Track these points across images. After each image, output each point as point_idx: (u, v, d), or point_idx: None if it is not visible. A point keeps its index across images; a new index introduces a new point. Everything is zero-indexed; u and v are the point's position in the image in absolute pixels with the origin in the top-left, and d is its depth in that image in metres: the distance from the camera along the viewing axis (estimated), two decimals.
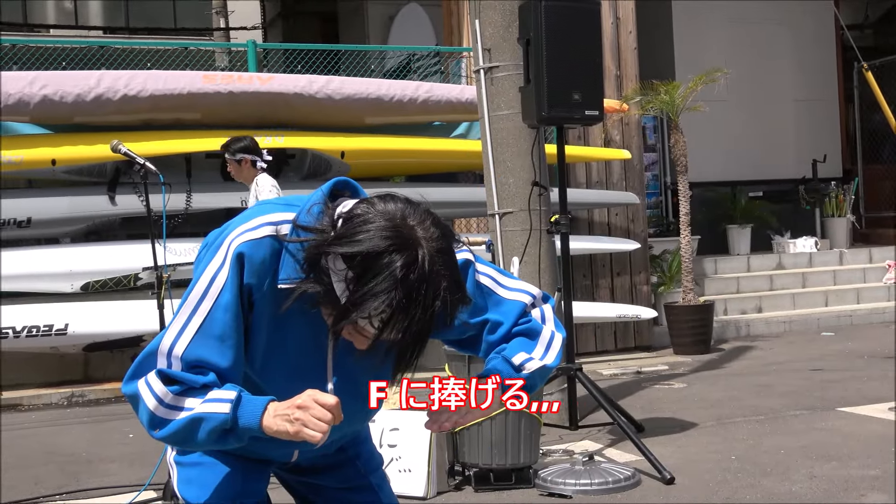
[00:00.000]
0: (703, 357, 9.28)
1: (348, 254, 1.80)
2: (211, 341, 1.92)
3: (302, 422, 1.84)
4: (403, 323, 1.80)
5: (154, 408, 1.90)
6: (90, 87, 8.07)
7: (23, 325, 7.91)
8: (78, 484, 5.45)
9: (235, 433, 1.89)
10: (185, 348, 1.92)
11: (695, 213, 9.94)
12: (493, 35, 6.46)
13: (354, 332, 1.87)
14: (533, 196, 6.34)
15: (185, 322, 1.93)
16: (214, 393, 1.89)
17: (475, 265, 2.14)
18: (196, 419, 1.88)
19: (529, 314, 2.20)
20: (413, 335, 1.83)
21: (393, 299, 1.78)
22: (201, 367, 1.92)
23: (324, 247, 1.83)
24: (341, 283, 1.81)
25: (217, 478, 2.12)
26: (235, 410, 1.88)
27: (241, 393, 1.90)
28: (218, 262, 1.94)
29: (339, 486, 2.30)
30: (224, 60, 11.60)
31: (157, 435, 1.93)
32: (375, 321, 1.80)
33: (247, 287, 1.94)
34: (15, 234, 8.39)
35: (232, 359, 1.94)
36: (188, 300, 1.95)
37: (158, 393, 1.90)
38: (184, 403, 1.90)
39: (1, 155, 8.03)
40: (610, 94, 9.25)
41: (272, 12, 18.08)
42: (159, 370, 1.92)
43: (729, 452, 5.60)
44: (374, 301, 1.78)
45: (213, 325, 1.92)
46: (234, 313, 1.93)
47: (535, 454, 5.16)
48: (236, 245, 1.94)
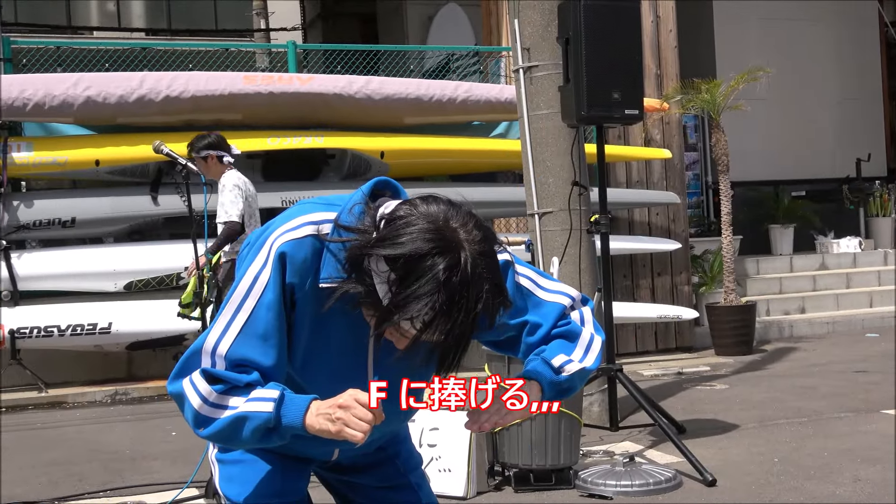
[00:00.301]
0: (745, 358, 9.20)
1: (391, 256, 1.80)
2: (254, 340, 1.93)
3: (343, 421, 1.85)
4: (446, 325, 1.80)
5: (199, 406, 1.91)
6: (133, 89, 8.15)
7: (67, 323, 8.01)
8: (122, 481, 5.50)
9: (278, 432, 1.90)
10: (229, 347, 1.93)
11: (736, 213, 9.86)
12: (532, 34, 6.45)
13: (396, 332, 1.87)
14: (573, 196, 6.32)
15: (229, 321, 1.94)
16: (258, 392, 1.90)
17: (515, 267, 2.14)
18: (240, 418, 1.89)
19: (569, 316, 2.20)
20: (455, 337, 1.83)
21: (436, 302, 1.78)
22: (245, 365, 1.93)
23: (366, 248, 1.84)
24: (384, 285, 1.82)
25: (258, 475, 2.13)
26: (278, 409, 1.88)
27: (284, 392, 1.91)
28: (260, 262, 1.95)
29: (379, 484, 2.30)
30: (264, 61, 11.66)
31: (201, 433, 1.94)
32: (417, 323, 1.80)
33: (289, 286, 1.95)
34: (59, 234, 8.50)
35: (275, 357, 1.95)
36: (231, 300, 1.96)
37: (203, 392, 1.91)
38: (228, 402, 1.91)
39: (45, 156, 8.15)
40: (650, 93, 9.20)
41: (312, 13, 18.16)
42: (203, 369, 1.93)
43: (772, 455, 5.54)
44: (416, 304, 1.78)
45: (256, 324, 1.93)
46: (276, 312, 1.94)
47: (576, 455, 5.15)
48: (278, 245, 1.94)
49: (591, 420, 6.21)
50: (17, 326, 7.94)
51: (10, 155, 8.11)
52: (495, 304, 1.85)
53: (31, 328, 7.96)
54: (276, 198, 8.56)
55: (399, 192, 2.03)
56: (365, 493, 2.31)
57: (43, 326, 7.98)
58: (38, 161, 8.18)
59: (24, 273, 8.17)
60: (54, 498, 5.19)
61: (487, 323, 1.86)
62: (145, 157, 8.16)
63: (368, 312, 1.88)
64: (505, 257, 2.04)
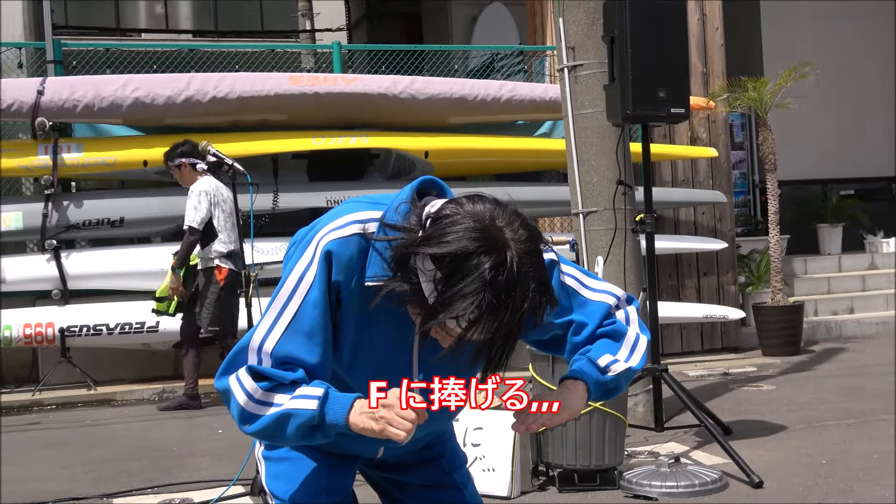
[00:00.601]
0: (793, 359, 9.11)
1: (437, 254, 1.81)
2: (300, 338, 1.95)
3: (387, 420, 1.86)
4: (492, 324, 1.80)
5: (244, 403, 1.94)
6: (180, 90, 8.24)
7: (116, 322, 8.11)
8: (169, 478, 5.56)
9: (322, 429, 1.92)
10: (275, 345, 1.95)
11: (784, 212, 9.76)
12: (577, 33, 6.43)
13: (441, 331, 1.87)
14: (617, 195, 6.29)
15: (275, 319, 1.96)
16: (303, 389, 1.92)
17: (560, 266, 2.14)
18: (285, 415, 1.91)
19: (614, 316, 2.19)
20: (501, 336, 1.83)
21: (482, 301, 1.78)
22: (290, 363, 1.95)
23: (412, 247, 1.84)
24: (429, 284, 1.82)
25: (304, 473, 2.15)
26: (323, 407, 1.90)
27: (329, 390, 1.92)
28: (307, 260, 1.97)
29: (424, 483, 2.31)
30: (310, 62, 11.72)
31: (247, 430, 1.96)
32: (463, 322, 1.81)
33: (335, 284, 1.96)
34: (108, 234, 8.61)
35: (320, 355, 1.96)
36: (278, 297, 1.98)
37: (248, 389, 1.94)
38: (273, 399, 1.93)
39: (94, 157, 8.26)
40: (696, 92, 9.13)
41: (357, 14, 18.22)
42: (249, 366, 1.95)
43: (819, 456, 5.49)
44: (462, 302, 1.79)
45: (301, 321, 1.95)
46: (322, 310, 1.95)
47: (620, 455, 5.12)
48: (324, 243, 1.96)
49: (635, 420, 6.18)
50: (66, 325, 8.06)
51: (61, 156, 8.23)
52: (541, 303, 1.85)
53: (81, 326, 8.08)
54: (321, 198, 8.61)
55: (445, 191, 2.04)
56: (410, 491, 2.32)
57: (92, 325, 8.10)
58: (88, 162, 8.29)
59: (74, 272, 8.28)
60: (103, 494, 5.26)
61: (533, 322, 1.86)
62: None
63: (414, 311, 1.89)
64: (550, 256, 2.04)
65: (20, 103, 8.06)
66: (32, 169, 8.31)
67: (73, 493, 5.29)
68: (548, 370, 4.98)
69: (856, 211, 12.55)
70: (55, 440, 6.74)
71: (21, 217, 8.28)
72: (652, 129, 6.88)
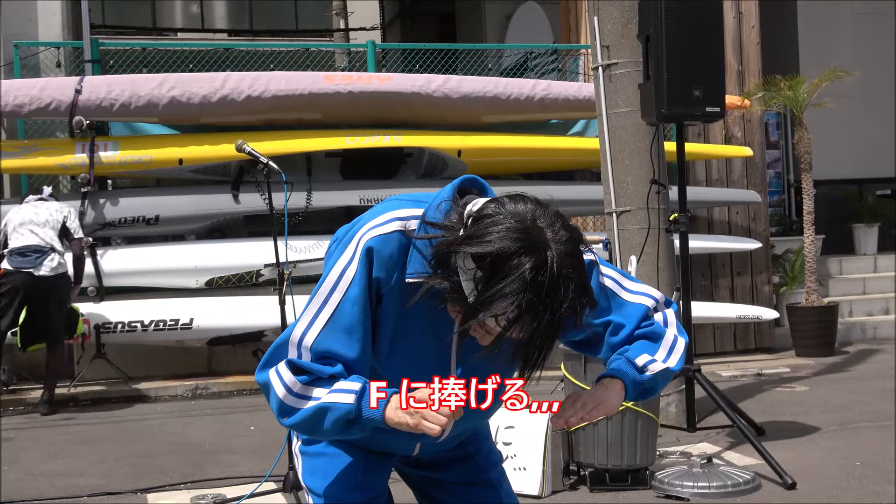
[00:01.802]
0: (827, 360, 9.04)
1: (478, 254, 1.81)
2: (339, 334, 1.97)
3: (422, 415, 1.88)
4: (531, 324, 1.81)
5: (283, 396, 1.96)
6: (216, 89, 8.29)
7: (150, 318, 8.18)
8: (202, 474, 5.60)
9: (359, 423, 1.94)
10: (315, 339, 1.97)
11: (819, 212, 9.67)
12: (611, 32, 6.41)
13: (480, 330, 1.88)
14: (651, 194, 6.27)
15: (316, 314, 1.99)
16: (341, 384, 1.94)
17: (599, 267, 2.14)
18: (322, 409, 1.94)
19: (652, 318, 2.20)
20: (540, 336, 1.84)
21: (522, 301, 1.79)
22: (329, 357, 1.97)
23: (453, 245, 1.85)
24: (470, 282, 1.83)
25: (339, 469, 2.18)
26: (360, 401, 1.92)
27: (366, 384, 1.94)
28: (348, 257, 1.99)
29: (459, 480, 2.32)
30: (344, 61, 11.76)
31: (285, 422, 1.99)
32: (503, 321, 1.81)
33: (375, 281, 1.98)
34: (144, 231, 8.69)
35: (359, 351, 1.98)
36: (318, 292, 2.00)
37: (287, 382, 1.96)
38: (311, 393, 1.96)
39: (131, 155, 8.34)
40: (731, 91, 9.07)
41: (391, 13, 18.26)
42: (289, 360, 1.98)
43: (853, 458, 5.44)
44: (502, 302, 1.79)
45: (341, 317, 1.97)
46: (362, 306, 1.97)
47: (652, 455, 5.11)
48: (366, 240, 1.98)
49: (668, 420, 6.16)
50: (102, 321, 8.14)
51: (98, 154, 8.31)
52: (581, 304, 1.85)
53: (116, 323, 8.15)
54: (354, 196, 8.64)
55: (486, 189, 2.05)
56: (445, 488, 2.33)
57: (127, 321, 8.17)
58: (124, 160, 8.37)
59: (110, 269, 8.36)
60: (136, 489, 5.31)
61: (573, 323, 1.86)
62: (227, 156, 8.30)
63: (454, 309, 1.90)
64: (590, 258, 2.04)
65: (58, 102, 8.15)
66: (70, 167, 8.40)
67: (107, 488, 5.35)
68: (580, 369, 4.98)
69: (892, 211, 12.42)
70: (90, 435, 6.81)
71: None
72: (686, 127, 6.84)
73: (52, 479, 5.62)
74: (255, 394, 8.25)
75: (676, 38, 5.82)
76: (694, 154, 9.11)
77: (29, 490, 5.36)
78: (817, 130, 10.09)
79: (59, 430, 7.00)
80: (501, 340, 1.85)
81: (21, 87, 8.21)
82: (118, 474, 5.68)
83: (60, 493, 5.28)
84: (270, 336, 8.34)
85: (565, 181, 9.79)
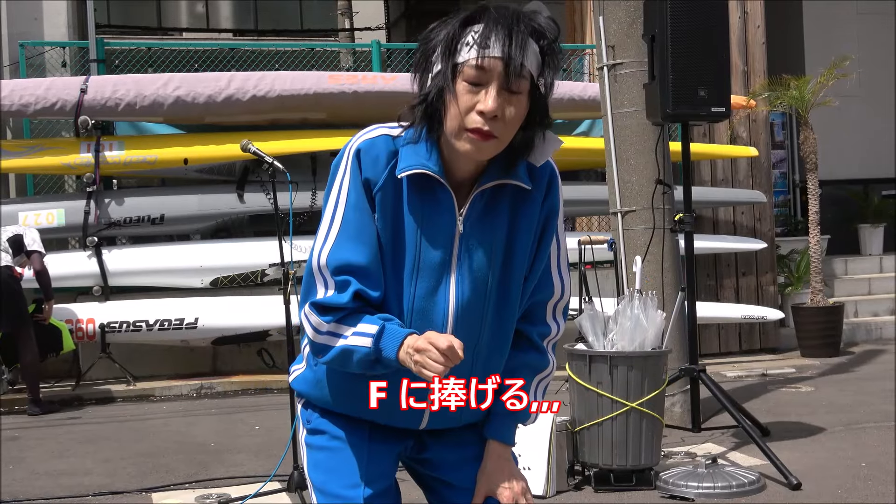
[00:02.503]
0: (832, 360, 9.03)
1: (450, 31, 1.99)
2: (348, 243, 2.04)
3: (420, 364, 1.93)
4: (504, 37, 1.92)
5: (313, 336, 2.06)
6: (221, 89, 8.30)
7: (155, 318, 8.19)
8: (206, 473, 5.61)
9: (381, 363, 2.01)
10: (328, 256, 2.04)
11: (824, 212, 9.66)
12: (617, 32, 6.41)
13: (473, 133, 1.96)
14: (656, 194, 6.27)
15: (326, 233, 2.07)
16: (362, 326, 2.01)
17: (559, 218, 2.20)
18: (347, 350, 2.02)
19: (548, 325, 2.25)
20: (518, 50, 1.92)
21: (490, 21, 1.93)
22: (344, 271, 2.03)
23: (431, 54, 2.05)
24: (446, 46, 1.99)
25: (342, 463, 2.17)
26: (377, 343, 1.99)
27: (385, 326, 2.00)
28: (342, 169, 2.07)
29: (470, 486, 2.26)
30: (349, 60, 11.75)
31: (320, 361, 2.09)
32: (476, 47, 1.94)
33: (365, 182, 2.05)
34: (148, 231, 8.70)
35: (368, 254, 2.04)
36: (325, 214, 2.08)
37: (314, 324, 2.05)
38: (338, 331, 2.03)
39: (136, 155, 8.35)
40: (737, 90, 9.06)
41: (395, 12, 18.26)
42: (312, 302, 2.05)
43: (859, 459, 5.43)
44: (471, 34, 1.95)
45: (348, 227, 2.05)
46: (363, 209, 2.05)
47: (657, 456, 5.11)
48: (354, 146, 2.07)
49: (672, 421, 6.16)
50: (106, 321, 8.15)
51: (103, 154, 8.32)
52: (543, 27, 1.97)
53: (121, 322, 8.16)
54: None
55: None
56: (456, 490, 2.28)
57: (132, 321, 8.18)
58: (129, 160, 8.39)
59: (114, 269, 8.38)
60: (141, 489, 5.32)
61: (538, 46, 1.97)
62: (232, 156, 8.31)
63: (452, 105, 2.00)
64: (560, 200, 2.16)
65: (64, 102, 8.17)
66: (75, 166, 8.41)
67: (111, 488, 5.35)
68: (584, 370, 4.98)
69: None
70: (95, 435, 6.82)
71: (63, 214, 8.39)
72: (692, 127, 6.84)
73: (57, 478, 5.63)
74: (260, 393, 8.26)
75: (682, 37, 5.81)
76: (699, 154, 9.10)
77: (34, 489, 5.37)
78: (823, 130, 10.08)
79: (63, 430, 7.01)
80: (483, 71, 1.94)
81: (27, 87, 8.22)
82: (123, 474, 5.68)
83: (65, 493, 5.29)
84: (275, 336, 8.34)
85: (570, 181, 9.78)
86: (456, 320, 2.08)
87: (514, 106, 1.97)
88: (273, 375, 8.43)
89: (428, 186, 2.05)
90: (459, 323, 2.08)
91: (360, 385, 2.08)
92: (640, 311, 4.95)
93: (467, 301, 2.08)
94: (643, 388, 4.92)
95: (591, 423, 4.97)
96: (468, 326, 2.09)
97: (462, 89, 1.97)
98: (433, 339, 1.92)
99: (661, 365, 5.06)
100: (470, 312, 2.09)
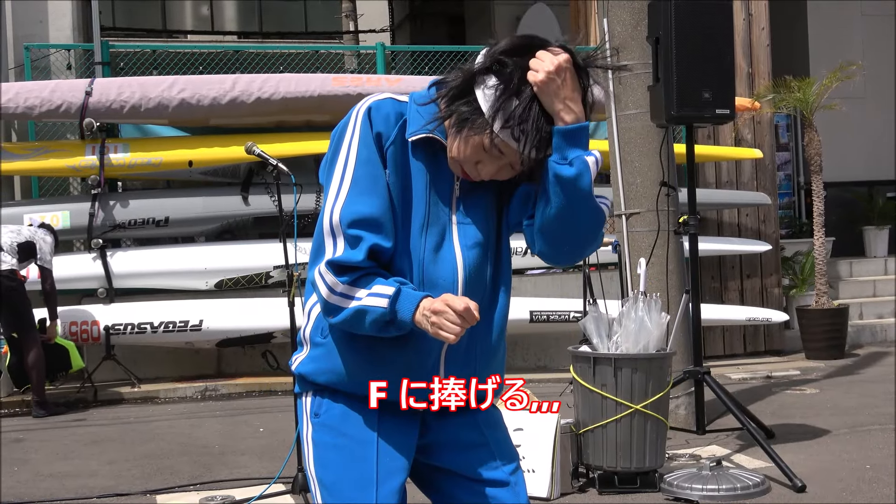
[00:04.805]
0: (837, 362, 9.01)
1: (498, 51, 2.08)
2: (359, 196, 2.07)
3: (437, 325, 1.95)
4: (533, 138, 1.99)
5: (327, 296, 2.06)
6: (225, 91, 8.31)
7: (160, 320, 8.19)
8: (211, 475, 5.61)
9: (395, 324, 2.03)
10: (341, 211, 2.06)
11: (829, 214, 9.65)
12: (621, 33, 6.41)
13: (462, 173, 2.07)
14: (661, 196, 6.26)
15: (337, 190, 2.09)
16: (377, 287, 2.03)
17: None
18: (361, 311, 2.03)
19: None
20: (535, 151, 2.00)
21: (530, 112, 2.00)
22: (358, 225, 2.05)
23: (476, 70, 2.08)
24: (491, 92, 2.03)
25: (353, 462, 2.15)
26: (393, 305, 2.01)
27: (401, 288, 2.02)
28: (350, 129, 2.12)
29: (473, 476, 2.22)
30: (353, 63, 11.76)
31: (331, 321, 2.09)
32: (506, 133, 2.00)
33: (377, 136, 2.10)
34: (153, 233, 8.71)
35: (379, 205, 2.07)
36: (334, 176, 2.11)
37: (329, 283, 2.06)
38: (353, 293, 2.04)
39: (141, 157, 8.37)
40: (741, 92, 9.06)
41: (400, 14, 18.28)
42: (328, 261, 2.06)
43: (864, 461, 5.43)
44: (513, 114, 2.00)
45: (358, 182, 2.08)
46: (374, 163, 2.09)
47: (661, 458, 5.10)
48: (364, 107, 2.12)
49: (677, 423, 6.15)
50: (111, 323, 8.15)
51: (108, 156, 8.33)
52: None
53: (125, 324, 8.17)
54: None
55: None
56: (459, 483, 2.24)
57: (136, 323, 8.18)
58: (134, 162, 8.39)
59: (119, 271, 8.38)
60: (146, 490, 5.32)
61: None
62: (237, 158, 8.32)
63: (470, 132, 2.03)
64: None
65: (68, 104, 8.18)
66: (80, 169, 8.43)
67: (116, 490, 5.36)
68: (588, 371, 4.97)
69: None
70: (99, 437, 6.83)
71: (68, 216, 8.40)
72: (696, 129, 6.84)
73: (62, 480, 5.63)
74: (264, 395, 8.26)
75: (686, 39, 5.81)
76: (703, 156, 9.09)
77: (39, 491, 5.38)
78: (827, 132, 10.07)
79: (68, 432, 7.02)
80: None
81: (32, 90, 8.24)
82: (127, 475, 5.69)
83: (70, 494, 5.30)
84: (280, 338, 8.35)
85: None
86: (466, 282, 2.12)
87: (510, 169, 2.08)
88: (277, 378, 8.43)
89: (432, 150, 2.12)
90: (469, 286, 2.12)
91: (376, 345, 2.10)
92: (645, 314, 4.95)
93: (473, 261, 2.12)
94: (647, 390, 4.92)
95: (595, 425, 4.97)
96: (476, 288, 2.13)
97: (474, 142, 2.04)
98: (450, 300, 1.95)
99: (665, 367, 5.06)
100: (477, 274, 2.13)
